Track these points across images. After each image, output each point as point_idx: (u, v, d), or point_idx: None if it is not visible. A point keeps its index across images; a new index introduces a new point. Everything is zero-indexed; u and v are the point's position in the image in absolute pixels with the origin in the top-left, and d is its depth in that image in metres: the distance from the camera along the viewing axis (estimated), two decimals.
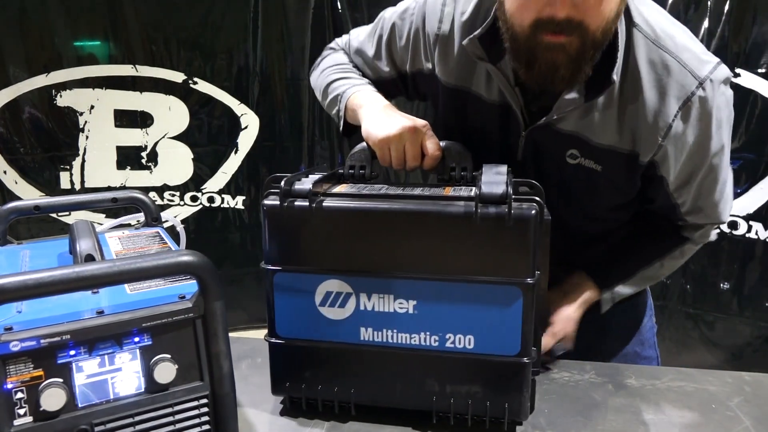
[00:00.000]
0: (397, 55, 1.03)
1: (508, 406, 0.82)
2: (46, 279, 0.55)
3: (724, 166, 0.95)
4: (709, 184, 0.94)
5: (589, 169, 0.92)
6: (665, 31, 0.87)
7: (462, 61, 0.94)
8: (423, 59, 1.00)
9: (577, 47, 0.79)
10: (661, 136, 0.87)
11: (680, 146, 0.88)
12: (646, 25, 0.87)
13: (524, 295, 0.78)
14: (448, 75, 0.97)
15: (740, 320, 2.08)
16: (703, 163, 0.91)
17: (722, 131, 0.90)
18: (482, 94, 0.94)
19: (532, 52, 0.80)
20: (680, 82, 0.85)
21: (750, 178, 1.99)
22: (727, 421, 0.90)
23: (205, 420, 0.67)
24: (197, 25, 2.36)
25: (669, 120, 0.86)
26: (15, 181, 2.39)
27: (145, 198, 0.97)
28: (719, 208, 0.97)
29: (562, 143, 0.92)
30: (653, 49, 0.86)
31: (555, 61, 0.80)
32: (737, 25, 1.92)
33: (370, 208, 0.80)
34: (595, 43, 0.80)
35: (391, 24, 1.03)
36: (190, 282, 0.68)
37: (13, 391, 0.58)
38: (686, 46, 0.87)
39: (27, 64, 2.30)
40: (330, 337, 0.85)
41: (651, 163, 0.90)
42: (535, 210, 0.77)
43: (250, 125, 2.46)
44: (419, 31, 0.98)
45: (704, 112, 0.86)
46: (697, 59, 0.86)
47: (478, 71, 0.94)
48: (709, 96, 0.86)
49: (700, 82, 0.85)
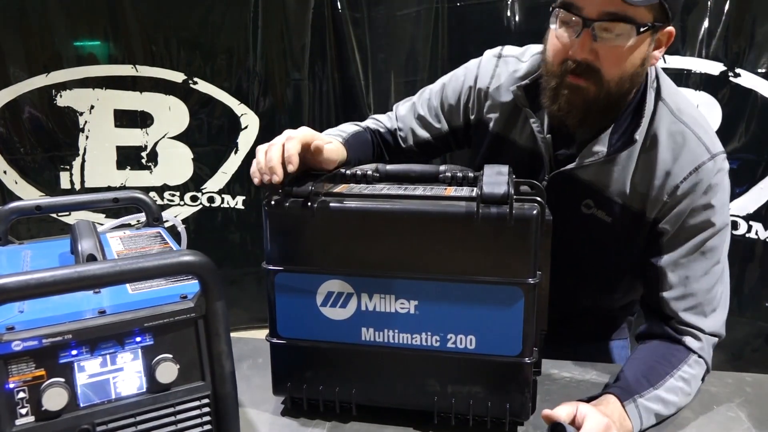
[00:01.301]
0: (445, 110, 1.15)
1: (509, 407, 0.82)
2: (47, 279, 0.55)
3: (721, 258, 0.95)
4: (704, 266, 0.94)
5: (601, 221, 1.00)
6: (686, 109, 0.97)
7: (507, 112, 1.07)
8: (470, 112, 1.12)
9: (593, 93, 0.90)
10: (668, 194, 0.94)
11: (683, 208, 0.93)
12: (671, 100, 0.96)
13: (526, 296, 0.78)
14: (496, 124, 1.08)
15: (740, 320, 2.08)
16: (702, 234, 0.93)
17: (723, 211, 0.94)
18: (517, 140, 1.06)
19: (557, 89, 0.92)
20: (694, 151, 0.93)
21: (750, 178, 1.99)
22: (729, 421, 0.90)
23: (207, 420, 0.67)
24: (197, 25, 2.35)
25: (678, 181, 0.93)
26: (15, 181, 2.38)
27: (146, 198, 0.97)
28: (712, 306, 0.95)
29: (580, 192, 1.00)
30: (674, 120, 0.95)
31: (572, 101, 0.91)
32: (737, 25, 1.92)
33: (372, 209, 0.81)
34: (609, 94, 0.90)
35: (441, 85, 1.16)
36: (192, 282, 0.68)
37: (15, 390, 0.58)
38: (702, 125, 0.96)
39: (27, 64, 2.30)
40: (331, 338, 0.85)
41: (655, 220, 0.96)
42: (536, 210, 0.77)
43: (250, 125, 2.46)
44: (471, 88, 1.11)
45: (711, 183, 0.92)
46: (710, 138, 0.95)
47: (519, 122, 1.05)
48: (718, 169, 0.93)
49: (712, 155, 0.93)
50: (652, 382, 0.87)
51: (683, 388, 0.89)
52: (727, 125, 1.98)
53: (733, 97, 1.97)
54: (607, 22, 0.85)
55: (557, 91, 0.92)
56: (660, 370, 0.89)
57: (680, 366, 0.90)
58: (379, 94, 2.38)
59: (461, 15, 2.21)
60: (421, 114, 1.15)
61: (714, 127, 1.98)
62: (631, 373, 0.89)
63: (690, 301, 0.94)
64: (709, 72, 1.98)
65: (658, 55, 0.93)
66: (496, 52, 1.11)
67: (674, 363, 0.91)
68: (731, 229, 0.98)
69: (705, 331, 0.94)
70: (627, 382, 0.88)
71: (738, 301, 2.08)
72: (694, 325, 0.94)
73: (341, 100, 2.47)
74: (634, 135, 0.93)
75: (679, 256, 0.94)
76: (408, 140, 1.16)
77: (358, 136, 1.10)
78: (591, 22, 0.85)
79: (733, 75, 1.95)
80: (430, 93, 1.17)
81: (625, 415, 0.83)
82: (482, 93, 1.09)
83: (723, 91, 1.98)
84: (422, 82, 2.29)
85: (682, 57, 1.99)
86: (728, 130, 1.98)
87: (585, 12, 0.86)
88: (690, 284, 0.94)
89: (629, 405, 0.84)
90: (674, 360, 0.91)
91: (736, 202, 2.01)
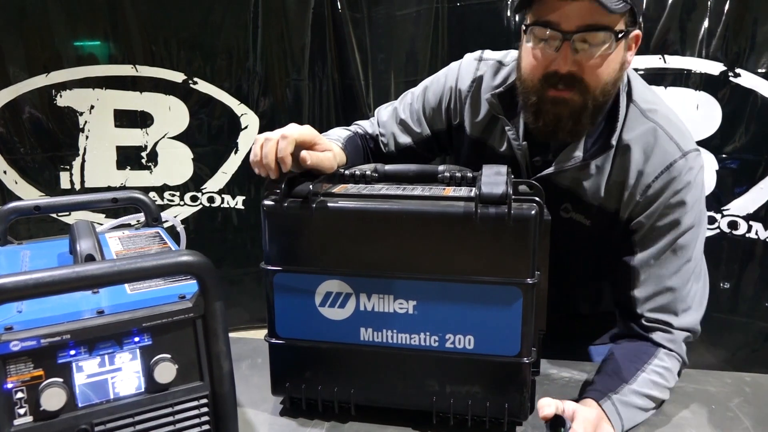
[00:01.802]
0: (427, 114, 1.14)
1: (507, 407, 0.82)
2: (46, 279, 0.55)
3: (693, 255, 0.95)
4: (675, 264, 0.94)
5: (579, 224, 1.02)
6: (657, 108, 0.97)
7: (486, 118, 1.07)
8: (452, 115, 1.12)
9: (579, 103, 0.90)
10: (640, 193, 0.95)
11: (655, 207, 0.94)
12: (641, 100, 0.97)
13: (524, 296, 0.78)
14: (473, 128, 1.09)
15: (740, 320, 2.08)
16: (674, 231, 0.93)
17: (696, 209, 0.94)
18: (495, 146, 1.07)
19: (540, 105, 0.92)
20: (665, 149, 0.94)
21: (750, 178, 1.99)
22: (727, 421, 0.90)
23: (205, 420, 0.67)
24: (197, 25, 2.35)
25: (649, 180, 0.94)
26: (15, 181, 2.38)
27: (146, 198, 0.97)
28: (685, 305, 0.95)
29: (558, 196, 1.00)
30: (644, 121, 0.96)
31: (559, 114, 0.91)
32: (737, 25, 1.92)
33: (370, 209, 0.81)
34: (595, 100, 0.91)
35: (423, 88, 1.15)
36: (191, 282, 0.68)
37: (13, 390, 0.58)
38: (674, 123, 0.97)
39: (27, 64, 2.29)
40: (330, 338, 0.85)
41: (628, 219, 0.97)
42: (535, 210, 0.77)
43: (250, 125, 2.46)
44: (452, 89, 1.11)
45: (683, 181, 0.93)
46: (682, 135, 0.95)
47: (497, 128, 1.06)
48: (690, 167, 0.93)
49: (683, 153, 0.94)
50: (624, 379, 0.88)
51: (658, 382, 0.90)
52: (727, 125, 1.98)
53: (733, 97, 1.96)
54: (585, 32, 0.86)
55: (539, 107, 0.92)
56: (630, 367, 0.90)
57: (650, 360, 0.91)
58: (379, 94, 2.38)
59: (461, 15, 2.21)
60: (402, 118, 1.15)
61: (714, 127, 1.98)
62: (604, 373, 0.91)
63: (660, 299, 0.95)
64: (709, 72, 1.97)
65: (630, 58, 0.94)
66: (477, 56, 1.11)
67: (644, 358, 0.91)
68: (731, 229, 0.98)
69: (674, 326, 0.94)
70: (601, 383, 0.89)
71: (738, 301, 2.08)
72: (663, 321, 0.94)
73: (341, 100, 2.47)
74: (610, 140, 0.94)
75: (650, 255, 0.95)
76: (390, 146, 1.16)
77: (352, 140, 1.10)
78: (570, 35, 0.86)
79: (733, 75, 1.95)
80: (412, 97, 1.16)
81: (603, 415, 0.84)
82: (462, 95, 1.09)
83: (723, 91, 1.97)
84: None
85: (682, 57, 1.99)
86: (728, 130, 1.98)
87: (563, 27, 0.86)
88: (661, 282, 0.94)
89: (605, 403, 0.85)
90: (644, 355, 0.92)
91: (736, 202, 2.01)
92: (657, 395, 0.89)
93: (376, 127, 1.18)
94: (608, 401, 0.85)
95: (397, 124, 1.16)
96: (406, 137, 1.15)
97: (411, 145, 1.15)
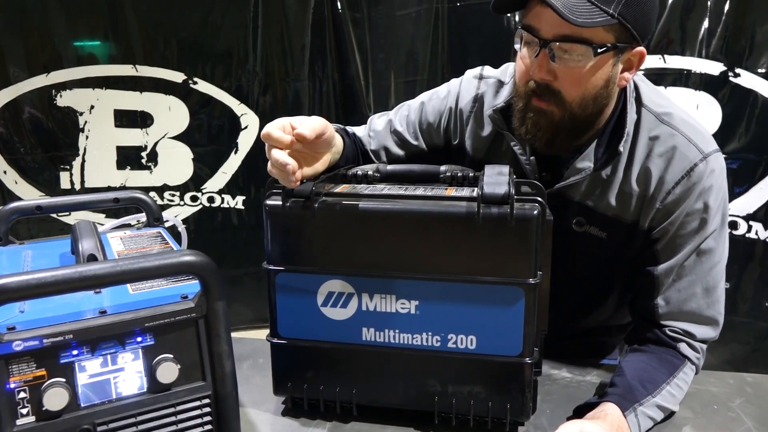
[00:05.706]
0: (424, 128, 1.11)
1: (510, 407, 0.82)
2: (48, 279, 0.55)
3: (717, 260, 0.93)
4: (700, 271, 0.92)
5: (595, 237, 0.98)
6: (672, 111, 0.94)
7: (490, 137, 1.05)
8: (452, 136, 1.10)
9: (557, 116, 0.90)
10: (660, 201, 0.92)
11: (678, 213, 0.91)
12: (654, 105, 0.95)
13: (526, 296, 0.78)
14: (477, 149, 1.07)
15: (740, 320, 2.08)
16: (698, 237, 0.91)
17: (720, 212, 0.93)
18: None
19: (524, 112, 0.93)
20: (685, 154, 0.91)
21: (750, 178, 1.99)
22: (729, 422, 0.90)
23: (207, 420, 0.67)
24: (197, 25, 2.35)
25: (670, 186, 0.91)
26: (15, 181, 2.38)
27: (147, 198, 0.97)
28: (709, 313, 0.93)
29: (570, 210, 0.98)
30: (660, 125, 0.93)
31: (538, 123, 0.91)
32: (737, 25, 1.92)
33: (372, 209, 0.80)
34: (573, 115, 0.90)
35: (420, 103, 1.12)
36: (193, 282, 0.68)
37: (15, 390, 0.58)
38: (692, 125, 0.94)
39: (27, 64, 2.29)
40: (332, 338, 0.85)
41: (649, 228, 0.94)
42: (537, 210, 0.77)
43: (250, 125, 2.46)
44: (452, 110, 1.09)
45: (704, 185, 0.91)
46: (701, 137, 0.93)
47: (503, 146, 1.04)
48: (711, 170, 0.91)
49: (704, 155, 0.91)
50: (649, 390, 0.87)
51: (676, 396, 0.89)
52: (727, 125, 1.98)
53: (733, 97, 1.97)
54: (562, 42, 0.85)
55: (524, 113, 0.92)
56: (657, 376, 0.89)
57: (676, 373, 0.90)
58: (379, 94, 2.38)
59: (461, 15, 2.21)
60: (398, 130, 1.12)
61: (714, 127, 1.98)
62: (629, 378, 0.88)
63: (685, 307, 0.93)
64: (709, 72, 1.98)
65: (628, 77, 0.92)
66: (477, 73, 1.09)
67: (671, 370, 0.90)
68: (731, 229, 0.98)
69: (697, 337, 0.93)
70: (625, 389, 0.86)
71: (738, 301, 2.08)
72: (688, 332, 0.93)
73: (341, 100, 2.47)
74: (618, 147, 0.92)
75: (675, 263, 0.92)
76: (380, 156, 1.13)
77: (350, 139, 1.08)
78: (547, 43, 0.85)
79: (733, 75, 1.95)
80: (408, 109, 1.13)
81: (625, 424, 0.82)
82: (464, 115, 1.08)
83: (723, 91, 1.98)
84: (422, 82, 2.29)
85: (682, 57, 1.99)
86: (728, 130, 1.98)
87: (541, 33, 0.86)
88: (686, 291, 0.92)
89: (630, 415, 0.83)
90: (671, 367, 0.90)
91: (736, 202, 2.01)
92: (670, 407, 0.88)
93: (368, 138, 1.14)
94: (632, 413, 0.84)
95: (391, 133, 1.12)
96: (398, 150, 1.12)
97: (402, 159, 1.12)
